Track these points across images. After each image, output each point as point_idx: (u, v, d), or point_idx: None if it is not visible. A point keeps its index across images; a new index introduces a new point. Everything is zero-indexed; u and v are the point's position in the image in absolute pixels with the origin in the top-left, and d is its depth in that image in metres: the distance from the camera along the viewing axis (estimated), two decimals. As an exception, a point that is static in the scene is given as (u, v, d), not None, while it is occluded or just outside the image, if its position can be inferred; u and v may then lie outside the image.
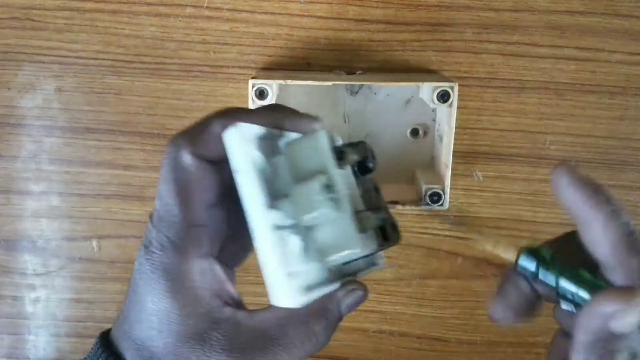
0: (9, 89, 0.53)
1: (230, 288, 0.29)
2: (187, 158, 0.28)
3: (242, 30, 0.51)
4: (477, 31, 0.51)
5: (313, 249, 0.28)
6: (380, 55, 0.51)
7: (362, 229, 0.27)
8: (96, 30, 0.51)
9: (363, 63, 0.51)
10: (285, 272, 0.27)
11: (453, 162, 0.47)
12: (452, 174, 0.47)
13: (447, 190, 0.47)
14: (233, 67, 0.52)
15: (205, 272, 0.28)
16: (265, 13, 0.51)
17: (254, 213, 0.27)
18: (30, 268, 0.56)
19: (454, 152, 0.47)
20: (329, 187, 0.27)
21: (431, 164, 0.52)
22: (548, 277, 0.28)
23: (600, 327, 0.25)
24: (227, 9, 0.51)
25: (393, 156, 0.52)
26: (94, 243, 0.56)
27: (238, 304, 0.29)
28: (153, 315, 0.27)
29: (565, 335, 0.30)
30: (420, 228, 0.55)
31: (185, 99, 0.53)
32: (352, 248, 0.27)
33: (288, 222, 0.28)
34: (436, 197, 0.47)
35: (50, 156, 0.54)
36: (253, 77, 0.46)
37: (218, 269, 0.29)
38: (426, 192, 0.47)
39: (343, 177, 0.29)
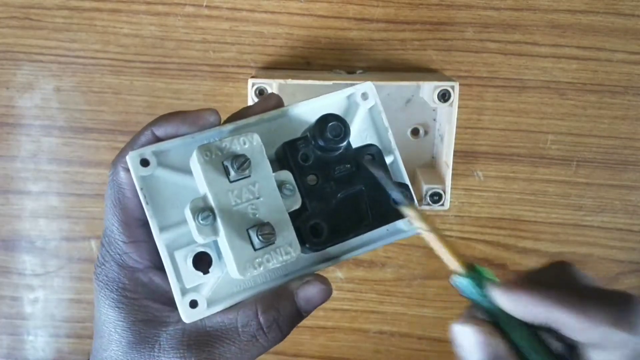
0: (7, 88, 0.53)
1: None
2: (122, 175, 0.29)
3: (242, 29, 0.51)
4: (478, 30, 0.50)
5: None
6: (380, 55, 0.51)
7: (253, 248, 0.28)
8: (95, 30, 0.51)
9: (363, 62, 0.51)
10: (177, 289, 0.28)
11: (454, 162, 0.47)
12: (452, 174, 0.47)
13: (448, 190, 0.47)
14: (232, 66, 0.52)
15: (146, 283, 0.29)
16: (265, 12, 0.51)
17: (153, 234, 0.28)
18: (29, 268, 0.56)
19: (454, 151, 0.47)
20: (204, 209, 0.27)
21: (432, 164, 0.52)
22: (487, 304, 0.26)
23: None
24: (227, 8, 0.51)
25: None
26: (93, 243, 0.56)
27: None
28: (104, 326, 0.29)
29: None
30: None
31: (185, 99, 0.52)
32: (248, 269, 0.27)
33: (185, 240, 0.28)
34: (437, 197, 0.47)
35: (49, 156, 0.54)
36: (253, 77, 0.46)
37: (159, 280, 0.30)
38: (427, 191, 0.47)
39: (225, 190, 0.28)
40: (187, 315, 0.28)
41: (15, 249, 0.56)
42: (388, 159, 0.32)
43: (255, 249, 0.27)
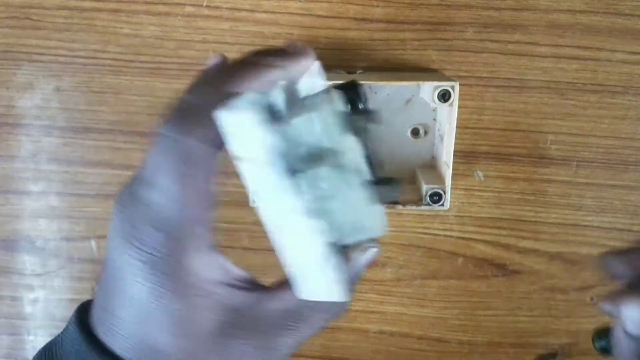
0: (7, 88, 0.53)
1: (237, 270, 0.27)
2: (193, 145, 0.24)
3: (242, 29, 0.51)
4: (478, 30, 0.50)
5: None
6: (380, 55, 0.51)
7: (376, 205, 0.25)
8: (95, 30, 0.51)
9: (363, 62, 0.51)
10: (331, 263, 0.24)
11: (454, 162, 0.47)
12: (453, 174, 0.47)
13: (448, 190, 0.47)
14: (233, 66, 0.52)
15: (207, 265, 0.26)
16: (265, 12, 0.51)
17: (273, 204, 0.24)
18: (29, 268, 0.56)
19: (454, 151, 0.47)
20: (339, 165, 0.23)
21: (432, 164, 0.52)
22: None
23: None
24: (227, 8, 0.51)
25: (394, 156, 0.52)
26: (93, 243, 0.56)
27: (251, 283, 0.27)
28: (159, 317, 0.25)
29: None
30: (421, 228, 0.54)
31: (185, 99, 0.52)
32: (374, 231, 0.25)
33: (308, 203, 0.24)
34: (437, 197, 0.47)
35: (49, 156, 0.54)
36: None
37: (220, 258, 0.26)
38: (427, 192, 0.47)
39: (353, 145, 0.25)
40: (342, 293, 0.25)
41: (16, 248, 0.56)
42: None
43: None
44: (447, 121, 0.47)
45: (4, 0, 0.51)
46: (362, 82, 0.26)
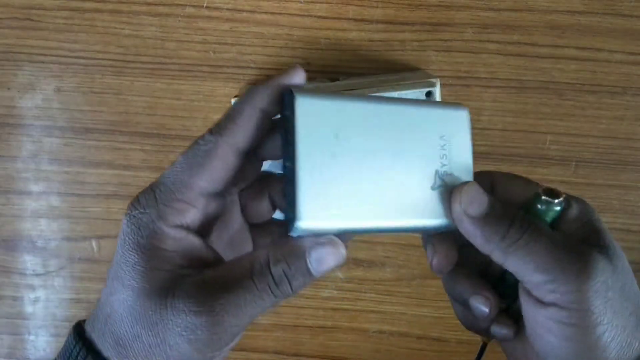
0: (8, 89, 0.53)
1: (205, 256, 0.30)
2: (224, 150, 0.29)
3: (242, 30, 0.51)
4: (477, 31, 0.51)
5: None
6: (380, 55, 0.51)
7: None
8: (96, 30, 0.51)
9: (363, 63, 0.51)
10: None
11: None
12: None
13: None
14: (233, 67, 0.52)
15: (179, 239, 0.29)
16: (265, 13, 0.51)
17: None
18: (29, 268, 0.56)
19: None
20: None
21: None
22: None
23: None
24: (227, 9, 0.51)
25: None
26: (94, 243, 0.56)
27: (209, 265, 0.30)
28: (121, 269, 0.28)
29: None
30: (420, 228, 0.54)
31: (185, 99, 0.52)
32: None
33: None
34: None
35: (50, 156, 0.54)
36: (236, 96, 0.46)
37: (194, 240, 0.29)
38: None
39: None
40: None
41: (16, 248, 0.56)
42: None
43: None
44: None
45: (4, 1, 0.51)
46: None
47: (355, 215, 0.29)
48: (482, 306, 0.32)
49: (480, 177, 0.32)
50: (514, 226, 0.29)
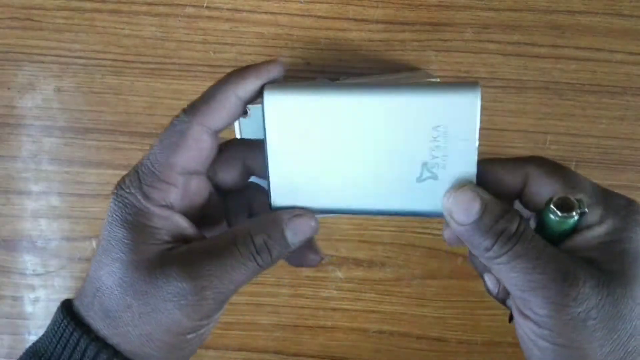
0: (8, 89, 0.53)
1: (190, 233, 0.31)
2: (197, 131, 0.30)
3: (242, 30, 0.51)
4: (477, 31, 0.51)
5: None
6: (380, 55, 0.51)
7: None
8: (96, 30, 0.51)
9: (363, 63, 0.51)
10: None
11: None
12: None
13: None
14: (233, 67, 0.52)
15: (165, 217, 0.30)
16: (265, 13, 0.51)
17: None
18: (29, 268, 0.56)
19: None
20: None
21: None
22: None
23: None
24: (227, 9, 0.51)
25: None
26: (94, 243, 0.56)
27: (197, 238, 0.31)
28: (109, 244, 0.29)
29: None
30: (421, 228, 0.54)
31: (185, 99, 0.52)
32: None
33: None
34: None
35: (50, 156, 0.54)
36: None
37: (178, 219, 0.30)
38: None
39: None
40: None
41: (16, 248, 0.56)
42: None
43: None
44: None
45: (4, 1, 0.51)
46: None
47: (324, 198, 0.31)
48: (490, 284, 0.33)
49: (513, 170, 0.30)
50: (499, 242, 0.28)
